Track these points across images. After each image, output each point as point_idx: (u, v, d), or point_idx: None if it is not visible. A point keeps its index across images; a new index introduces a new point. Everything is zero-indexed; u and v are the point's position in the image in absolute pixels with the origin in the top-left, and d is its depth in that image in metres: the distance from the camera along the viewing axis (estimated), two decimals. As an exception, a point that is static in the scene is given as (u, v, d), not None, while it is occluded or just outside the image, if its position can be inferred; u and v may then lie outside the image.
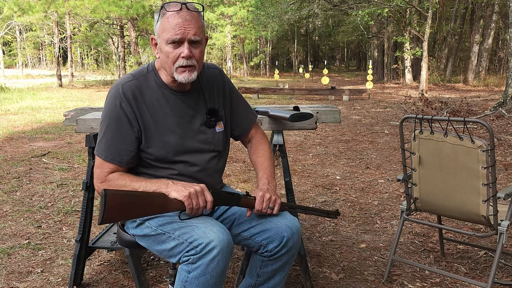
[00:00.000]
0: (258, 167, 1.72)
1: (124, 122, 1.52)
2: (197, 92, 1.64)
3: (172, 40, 1.46)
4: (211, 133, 1.64)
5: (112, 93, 1.54)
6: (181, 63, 1.48)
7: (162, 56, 1.52)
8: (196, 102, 1.63)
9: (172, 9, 1.47)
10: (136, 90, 1.54)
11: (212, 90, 1.68)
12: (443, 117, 2.61)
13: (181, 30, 1.45)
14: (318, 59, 52.55)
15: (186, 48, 1.47)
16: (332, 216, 1.82)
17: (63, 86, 19.18)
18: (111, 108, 1.53)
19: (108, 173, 1.53)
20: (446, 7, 21.42)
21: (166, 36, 1.47)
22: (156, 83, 1.58)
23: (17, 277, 2.38)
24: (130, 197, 1.40)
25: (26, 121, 8.59)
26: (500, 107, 8.52)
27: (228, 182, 4.29)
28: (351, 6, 16.09)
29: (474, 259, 2.60)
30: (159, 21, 1.50)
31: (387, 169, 4.85)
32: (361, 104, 12.15)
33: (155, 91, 1.57)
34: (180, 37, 1.46)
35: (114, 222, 1.43)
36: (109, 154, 1.52)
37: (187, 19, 1.46)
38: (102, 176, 1.53)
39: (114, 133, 1.52)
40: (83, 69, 41.35)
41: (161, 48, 1.51)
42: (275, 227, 1.57)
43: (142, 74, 1.58)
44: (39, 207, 3.55)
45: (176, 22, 1.45)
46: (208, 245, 1.36)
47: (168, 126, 1.56)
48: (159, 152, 1.56)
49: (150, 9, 18.87)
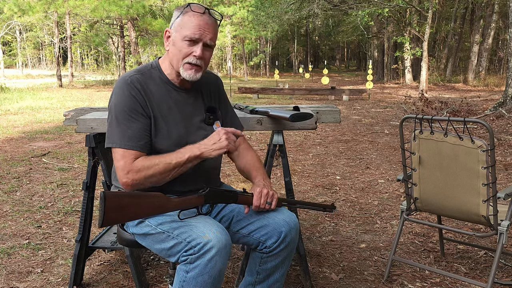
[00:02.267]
0: (250, 168, 1.73)
1: (138, 108, 1.53)
2: (196, 91, 1.69)
3: (190, 37, 1.52)
4: (210, 130, 1.66)
5: (119, 85, 1.56)
6: (191, 60, 1.55)
7: (173, 49, 1.57)
8: (196, 100, 1.68)
9: (197, 10, 1.54)
10: (142, 82, 1.57)
11: (210, 92, 1.75)
12: (443, 117, 2.61)
13: (200, 31, 1.52)
14: (318, 59, 52.57)
15: (200, 48, 1.54)
16: (329, 210, 1.82)
17: (63, 86, 19.18)
18: (121, 99, 1.53)
19: (133, 160, 1.49)
20: (446, 7, 21.43)
21: (184, 33, 1.52)
22: (160, 79, 1.62)
23: (17, 277, 2.38)
24: (129, 198, 1.40)
25: (26, 121, 8.59)
26: (500, 107, 8.52)
27: (228, 182, 4.29)
28: (351, 6, 16.08)
29: (474, 259, 2.60)
30: (180, 17, 1.55)
31: (387, 169, 4.85)
32: (361, 104, 12.15)
33: (159, 86, 1.61)
34: (198, 37, 1.53)
35: (114, 223, 1.42)
36: (128, 142, 1.50)
37: (208, 23, 1.54)
38: (128, 165, 1.48)
39: (128, 120, 1.52)
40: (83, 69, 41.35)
41: (174, 41, 1.56)
42: (272, 223, 1.58)
43: (146, 70, 1.63)
44: (39, 207, 3.55)
45: (197, 23, 1.52)
46: (206, 245, 1.36)
47: (173, 119, 1.59)
48: (164, 144, 1.57)
49: (150, 9, 18.88)
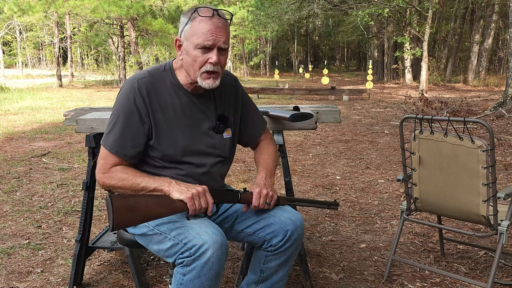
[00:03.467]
0: (260, 163, 1.74)
1: (136, 117, 1.52)
2: (209, 97, 1.64)
3: (203, 45, 1.46)
4: (218, 138, 1.64)
5: (126, 87, 1.55)
6: (208, 68, 1.49)
7: (187, 59, 1.52)
8: (208, 106, 1.63)
9: (205, 14, 1.47)
10: (150, 86, 1.55)
11: (225, 96, 1.69)
12: (443, 117, 2.61)
13: (212, 37, 1.46)
14: (318, 59, 52.55)
15: (215, 54, 1.48)
16: (333, 207, 1.82)
17: (63, 86, 19.18)
18: (124, 102, 1.53)
19: (111, 166, 1.53)
20: (446, 7, 21.42)
21: (196, 41, 1.47)
22: (171, 82, 1.58)
23: (17, 277, 2.38)
24: (136, 199, 1.39)
25: (26, 121, 8.59)
26: (500, 107, 8.52)
27: (228, 182, 4.29)
28: (351, 6, 16.09)
29: (474, 259, 2.60)
30: (189, 24, 1.49)
31: (387, 169, 4.85)
32: (361, 104, 12.15)
33: (169, 90, 1.57)
34: (211, 44, 1.47)
35: (126, 226, 1.40)
36: (114, 147, 1.52)
37: (219, 26, 1.47)
38: (106, 167, 1.53)
39: (124, 127, 1.52)
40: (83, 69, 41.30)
41: (187, 51, 1.50)
42: (278, 222, 1.58)
43: (158, 72, 1.59)
44: (39, 207, 3.55)
45: (208, 28, 1.46)
46: (202, 247, 1.36)
47: (177, 126, 1.57)
48: (167, 151, 1.56)
49: (150, 9, 18.86)
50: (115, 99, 1.59)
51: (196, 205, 1.42)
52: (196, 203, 1.42)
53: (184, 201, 1.41)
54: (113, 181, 1.50)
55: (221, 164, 1.69)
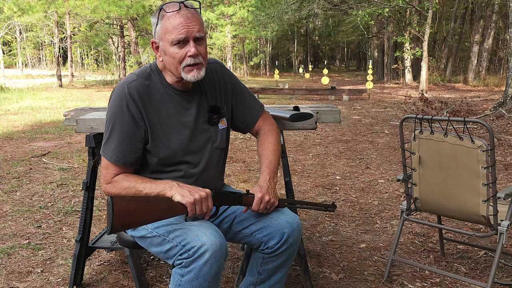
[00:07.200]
0: (263, 160, 1.70)
1: (131, 124, 1.51)
2: (198, 90, 1.62)
3: (178, 40, 1.44)
4: (214, 130, 1.63)
5: (117, 93, 1.52)
6: (189, 61, 1.47)
7: (167, 59, 1.50)
8: (199, 100, 1.61)
9: (171, 9, 1.45)
10: (141, 89, 1.52)
11: (214, 86, 1.66)
12: (443, 117, 2.61)
13: (184, 29, 1.43)
14: (318, 59, 52.55)
15: (192, 46, 1.46)
16: (330, 209, 1.81)
17: (63, 86, 19.18)
18: (116, 109, 1.51)
19: (114, 175, 1.53)
20: (446, 7, 21.43)
21: (170, 37, 1.45)
22: (161, 83, 1.57)
23: (17, 277, 2.38)
24: (137, 203, 1.38)
25: (26, 121, 8.59)
26: (500, 107, 8.52)
27: (228, 182, 4.29)
28: (351, 6, 16.08)
29: (474, 259, 2.60)
30: (159, 24, 1.48)
31: (387, 169, 4.85)
32: (361, 104, 12.15)
33: (160, 91, 1.56)
34: (185, 36, 1.44)
35: (124, 229, 1.38)
36: (114, 155, 1.52)
37: (189, 17, 1.45)
38: (109, 178, 1.53)
39: (120, 135, 1.52)
40: (83, 69, 41.30)
41: (165, 50, 1.49)
42: (275, 224, 1.58)
43: (145, 74, 1.57)
44: (39, 207, 3.55)
45: (178, 22, 1.43)
46: (200, 248, 1.36)
47: (173, 126, 1.56)
48: (165, 152, 1.55)
49: (150, 9, 18.86)
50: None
51: (196, 210, 1.42)
52: (197, 208, 1.41)
53: (185, 205, 1.40)
54: (117, 190, 1.51)
55: (218, 157, 1.67)
